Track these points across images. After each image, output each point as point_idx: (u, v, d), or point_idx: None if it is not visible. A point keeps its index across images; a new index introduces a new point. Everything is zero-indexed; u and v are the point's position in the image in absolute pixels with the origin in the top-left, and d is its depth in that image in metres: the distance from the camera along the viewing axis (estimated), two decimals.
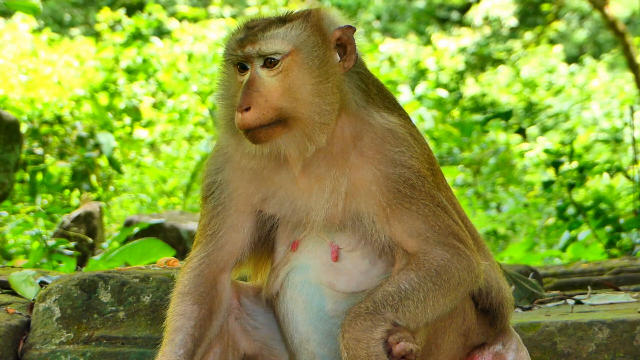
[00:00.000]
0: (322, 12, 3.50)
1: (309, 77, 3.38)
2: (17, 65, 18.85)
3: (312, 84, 3.38)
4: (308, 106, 3.37)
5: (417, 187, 3.42)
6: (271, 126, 3.36)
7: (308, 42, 3.41)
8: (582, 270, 7.63)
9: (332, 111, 3.39)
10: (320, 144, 3.40)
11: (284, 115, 3.36)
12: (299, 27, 3.42)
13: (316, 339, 3.55)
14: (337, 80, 3.42)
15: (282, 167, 3.49)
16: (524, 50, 26.51)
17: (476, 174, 19.17)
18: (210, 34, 21.96)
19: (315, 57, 3.40)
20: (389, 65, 23.20)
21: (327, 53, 3.42)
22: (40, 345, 4.24)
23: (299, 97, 3.37)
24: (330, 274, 3.51)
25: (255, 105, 3.34)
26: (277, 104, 3.35)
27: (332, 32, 3.45)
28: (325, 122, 3.38)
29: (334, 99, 3.40)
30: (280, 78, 3.37)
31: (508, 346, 3.70)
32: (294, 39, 3.40)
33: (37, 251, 8.01)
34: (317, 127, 3.38)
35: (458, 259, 3.38)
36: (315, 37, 3.42)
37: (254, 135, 3.36)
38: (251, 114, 3.33)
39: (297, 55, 3.39)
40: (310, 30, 3.42)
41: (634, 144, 11.06)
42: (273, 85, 3.37)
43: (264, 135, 3.36)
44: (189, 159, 18.96)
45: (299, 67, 3.38)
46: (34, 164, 15.92)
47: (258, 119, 3.34)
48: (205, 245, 3.62)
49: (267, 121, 3.34)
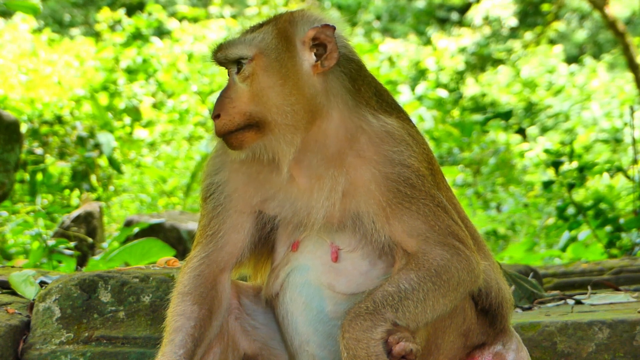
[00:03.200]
0: (295, 13, 3.51)
1: (273, 80, 3.40)
2: (17, 65, 18.86)
3: (276, 87, 3.39)
4: (273, 109, 3.38)
5: (416, 187, 3.42)
6: (241, 131, 3.40)
7: (271, 45, 3.42)
8: (582, 270, 7.63)
9: (297, 112, 3.39)
10: (295, 144, 3.40)
11: (253, 120, 3.39)
12: (265, 31, 3.45)
13: (316, 340, 3.54)
14: (303, 81, 3.41)
15: (278, 170, 3.49)
16: (524, 50, 26.51)
17: (476, 174, 19.18)
18: (210, 34, 21.96)
19: (278, 59, 3.41)
20: (389, 65, 23.19)
21: (291, 55, 3.42)
22: (40, 345, 4.24)
23: (265, 101, 3.39)
24: (330, 275, 3.51)
25: (224, 111, 3.40)
26: (244, 109, 3.39)
27: (305, 32, 3.44)
28: (292, 123, 3.39)
29: (298, 100, 3.39)
30: (248, 83, 3.41)
31: (508, 346, 3.70)
32: (258, 43, 3.43)
33: (37, 251, 8.01)
34: (286, 129, 3.39)
35: (458, 259, 3.38)
36: (279, 40, 3.43)
37: (227, 141, 3.43)
38: (220, 120, 3.41)
39: (260, 60, 3.41)
40: (275, 34, 3.44)
41: (634, 144, 11.06)
42: (242, 90, 3.41)
43: (235, 141, 3.41)
44: (189, 159, 18.97)
45: (263, 71, 3.40)
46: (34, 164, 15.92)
47: (225, 125, 3.39)
48: (205, 245, 3.62)
49: (235, 127, 3.39)
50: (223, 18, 24.25)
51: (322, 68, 3.44)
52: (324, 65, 3.43)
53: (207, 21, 23.40)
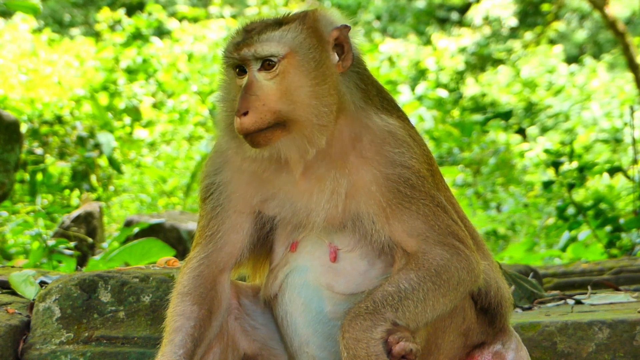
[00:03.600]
0: (318, 13, 3.49)
1: (306, 79, 3.37)
2: (17, 65, 18.86)
3: (309, 86, 3.36)
4: (306, 108, 3.36)
5: (417, 187, 3.42)
6: (270, 129, 3.35)
7: (304, 44, 3.40)
8: (582, 270, 7.63)
9: (330, 113, 3.38)
10: (320, 146, 3.39)
11: (282, 119, 3.35)
12: (295, 29, 3.41)
13: (316, 341, 3.54)
14: (334, 81, 3.41)
15: (283, 170, 3.48)
16: (524, 50, 26.51)
17: (476, 174, 19.17)
18: (210, 34, 21.96)
19: (312, 59, 3.39)
20: (389, 65, 23.19)
21: (323, 54, 3.41)
22: (40, 345, 4.24)
23: (297, 99, 3.36)
24: (329, 275, 3.51)
25: (253, 109, 3.33)
26: (274, 108, 3.34)
27: (329, 32, 3.44)
28: (323, 124, 3.37)
29: (331, 101, 3.39)
30: (277, 81, 3.36)
31: (508, 345, 3.70)
32: (290, 41, 3.39)
33: (37, 251, 8.01)
34: (315, 129, 3.37)
35: (458, 259, 3.38)
36: (312, 39, 3.41)
37: (253, 139, 3.36)
38: (249, 118, 3.33)
39: (293, 58, 3.38)
40: (307, 32, 3.41)
41: (634, 144, 11.06)
42: (270, 88, 3.36)
43: (263, 139, 3.36)
44: (189, 159, 18.97)
45: (296, 69, 3.37)
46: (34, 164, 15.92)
47: (256, 123, 3.33)
48: (204, 246, 3.62)
49: (265, 125, 3.34)
50: (223, 18, 24.24)
51: (342, 68, 3.44)
52: (343, 66, 3.44)
53: (207, 21, 23.39)
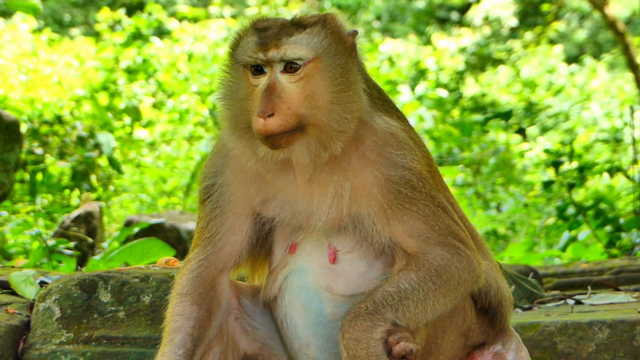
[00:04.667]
0: (336, 17, 3.47)
1: (330, 85, 3.35)
2: (17, 65, 18.85)
3: (332, 92, 3.35)
4: (328, 114, 3.33)
5: (417, 188, 3.42)
6: (291, 132, 3.32)
7: (330, 49, 3.38)
8: (582, 270, 7.63)
9: (351, 119, 3.36)
10: (335, 152, 3.37)
11: (303, 122, 3.33)
12: (320, 33, 3.38)
13: (316, 343, 3.54)
14: (358, 87, 3.40)
15: (287, 172, 3.47)
16: (524, 50, 26.51)
17: (476, 174, 19.17)
18: (210, 34, 21.96)
19: (337, 64, 3.37)
20: (389, 65, 23.19)
21: (348, 60, 3.40)
22: (40, 345, 4.24)
23: (320, 104, 3.33)
24: (329, 277, 3.50)
25: (279, 111, 3.30)
26: (298, 111, 3.32)
27: (347, 37, 3.44)
28: (343, 130, 3.35)
29: (354, 107, 3.37)
30: (301, 84, 3.34)
31: (508, 346, 3.70)
32: (317, 46, 3.36)
33: (37, 251, 8.01)
34: (334, 134, 3.35)
35: (458, 259, 3.38)
36: (337, 44, 3.39)
37: (274, 142, 3.32)
38: (275, 120, 3.29)
39: (319, 62, 3.35)
40: (332, 37, 3.39)
41: (634, 144, 11.06)
42: (294, 91, 3.33)
43: (284, 142, 3.33)
44: (189, 159, 18.96)
45: (321, 74, 3.35)
46: (34, 164, 15.92)
47: (282, 126, 3.30)
48: (203, 247, 3.61)
49: (290, 128, 3.31)
50: (223, 18, 24.24)
51: None
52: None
53: (207, 21, 23.38)
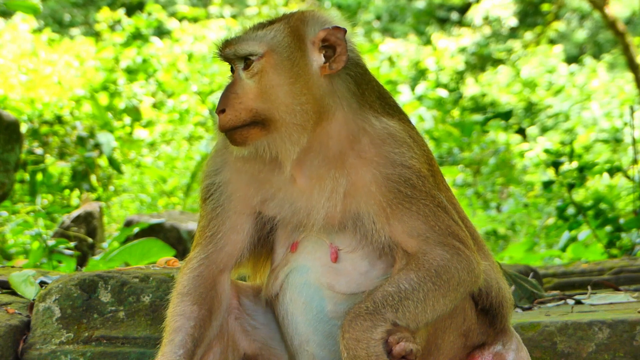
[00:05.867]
0: (306, 13, 3.51)
1: (282, 79, 3.39)
2: (17, 65, 18.85)
3: (284, 85, 3.39)
4: (282, 107, 3.38)
5: (417, 187, 3.43)
6: (246, 128, 3.39)
7: (282, 44, 3.42)
8: (582, 270, 7.64)
9: (306, 112, 3.39)
10: (301, 144, 3.40)
11: (259, 117, 3.38)
12: (277, 29, 3.44)
13: (316, 340, 3.54)
14: (313, 82, 3.42)
15: (279, 170, 3.49)
16: (524, 50, 26.52)
17: (476, 174, 19.17)
18: (210, 34, 21.95)
19: (287, 58, 3.41)
20: (389, 65, 23.20)
21: (302, 54, 3.42)
22: (40, 345, 4.24)
23: (273, 98, 3.38)
24: (330, 275, 3.51)
25: (230, 106, 3.39)
26: (250, 106, 3.38)
27: (315, 33, 3.44)
28: (300, 123, 3.39)
29: (304, 100, 3.39)
30: (256, 80, 3.40)
31: (508, 346, 3.70)
32: (269, 41, 3.42)
33: (37, 251, 8.01)
34: (292, 128, 3.38)
35: (458, 259, 3.38)
36: (290, 39, 3.43)
37: (231, 137, 3.42)
38: (225, 115, 3.39)
39: (271, 57, 3.41)
40: (287, 32, 3.44)
41: (634, 144, 11.06)
42: (250, 86, 3.40)
43: (239, 137, 3.40)
44: (189, 159, 18.96)
45: (273, 68, 3.40)
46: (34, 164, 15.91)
47: (231, 121, 3.38)
48: (204, 246, 3.62)
49: (241, 123, 3.38)
50: (223, 18, 24.25)
51: (330, 70, 3.44)
52: (332, 68, 3.44)
53: (207, 21, 23.39)
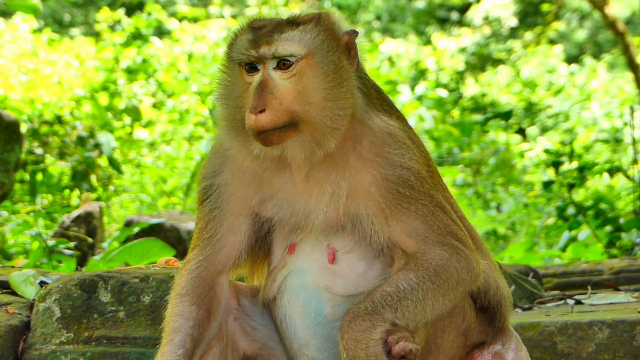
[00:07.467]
0: (332, 16, 3.49)
1: (323, 81, 3.36)
2: (17, 65, 18.84)
3: (325, 88, 3.36)
4: (320, 110, 3.35)
5: (416, 188, 3.43)
6: (284, 129, 3.33)
7: (323, 46, 3.39)
8: (582, 270, 7.63)
9: (344, 116, 3.38)
10: (329, 149, 3.38)
11: (296, 119, 3.34)
12: (312, 30, 3.40)
13: (315, 343, 3.54)
14: (350, 84, 3.42)
15: (284, 170, 3.48)
16: (524, 50, 26.52)
17: (476, 174, 19.17)
18: (210, 34, 21.95)
19: (330, 61, 3.39)
20: (389, 65, 23.19)
21: (340, 57, 3.42)
22: (40, 345, 4.24)
23: (312, 101, 3.35)
24: (327, 277, 3.51)
25: (270, 107, 3.31)
26: (290, 107, 3.33)
27: (342, 35, 3.45)
28: (336, 127, 3.36)
29: (347, 104, 3.38)
30: (294, 81, 3.35)
31: (507, 345, 3.70)
32: (309, 43, 3.38)
33: (37, 251, 8.01)
34: (327, 131, 3.36)
35: (457, 259, 3.39)
36: (330, 42, 3.41)
37: (266, 138, 3.34)
38: (266, 116, 3.30)
39: (311, 59, 3.37)
40: (325, 34, 3.41)
41: (634, 144, 11.06)
42: (286, 87, 3.35)
43: (276, 138, 3.34)
44: (189, 159, 18.96)
45: (313, 70, 3.37)
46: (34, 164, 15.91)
47: (273, 122, 3.31)
48: (202, 248, 3.61)
49: (281, 124, 3.32)
50: (223, 18, 24.24)
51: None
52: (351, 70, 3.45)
53: (207, 21, 23.38)
